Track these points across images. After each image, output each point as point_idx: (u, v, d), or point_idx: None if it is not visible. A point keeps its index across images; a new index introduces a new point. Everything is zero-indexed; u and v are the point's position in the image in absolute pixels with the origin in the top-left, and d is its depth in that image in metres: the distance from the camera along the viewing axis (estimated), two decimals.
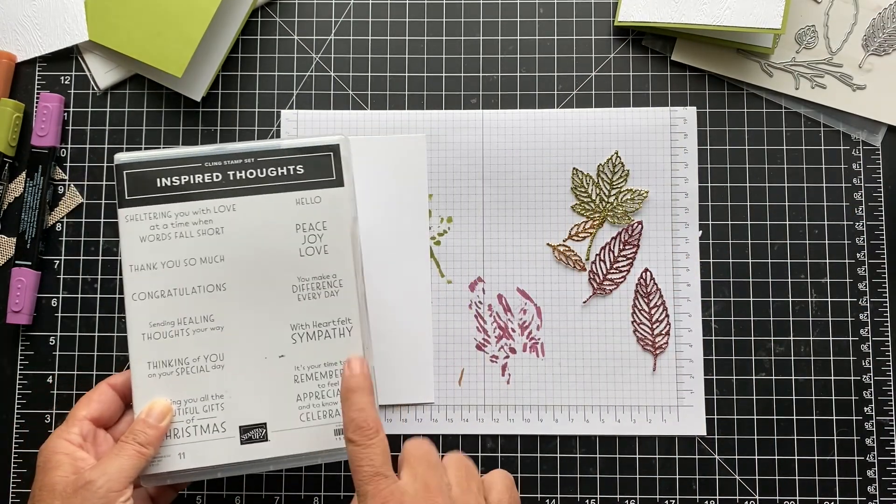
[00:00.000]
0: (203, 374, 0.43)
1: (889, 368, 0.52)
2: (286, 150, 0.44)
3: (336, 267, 0.44)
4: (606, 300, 0.53)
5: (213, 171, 0.43)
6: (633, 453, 0.52)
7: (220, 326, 0.43)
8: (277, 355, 0.43)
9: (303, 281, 0.43)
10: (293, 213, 0.44)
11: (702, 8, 0.52)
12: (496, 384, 0.52)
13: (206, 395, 0.43)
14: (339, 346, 0.43)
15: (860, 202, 0.54)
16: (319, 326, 0.43)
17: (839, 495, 0.51)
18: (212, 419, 0.42)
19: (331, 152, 0.44)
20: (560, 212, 0.54)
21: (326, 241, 0.44)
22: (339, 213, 0.44)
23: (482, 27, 0.55)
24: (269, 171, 0.44)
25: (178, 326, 0.43)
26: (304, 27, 0.55)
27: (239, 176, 0.43)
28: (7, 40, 0.55)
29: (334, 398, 0.43)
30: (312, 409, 0.43)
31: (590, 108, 0.54)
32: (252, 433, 0.42)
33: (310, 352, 0.43)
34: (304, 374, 0.43)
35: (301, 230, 0.43)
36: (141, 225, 0.43)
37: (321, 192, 0.44)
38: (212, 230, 0.43)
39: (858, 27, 0.55)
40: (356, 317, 0.44)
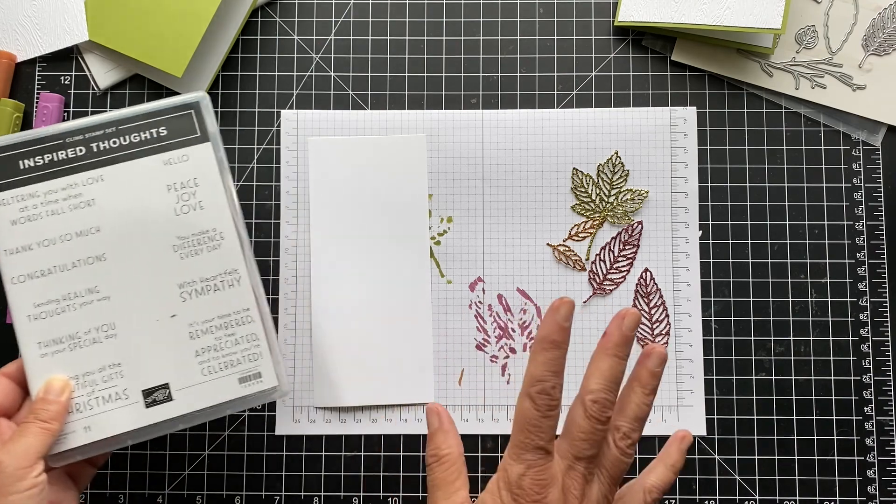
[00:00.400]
0: (97, 345, 0.42)
1: (889, 368, 0.52)
2: (146, 113, 0.44)
3: (214, 221, 0.44)
4: (606, 300, 0.53)
5: (76, 146, 0.43)
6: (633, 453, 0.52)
7: (107, 296, 0.43)
8: (169, 315, 0.43)
9: (182, 239, 0.43)
10: (162, 175, 0.44)
11: (702, 8, 0.52)
12: (496, 384, 0.52)
13: (104, 366, 0.42)
14: (230, 296, 0.43)
15: (860, 202, 0.54)
16: (207, 281, 0.43)
17: (839, 495, 0.51)
18: (112, 388, 0.42)
19: (191, 110, 0.44)
20: (560, 212, 0.54)
21: (200, 196, 0.44)
22: (208, 167, 0.44)
23: (482, 27, 0.55)
24: (133, 137, 0.44)
25: (63, 303, 0.42)
26: (304, 27, 0.55)
27: (103, 146, 0.43)
28: (7, 40, 0.55)
29: (233, 348, 0.43)
30: (213, 362, 0.43)
31: (590, 108, 0.54)
32: (155, 395, 0.42)
33: (202, 307, 0.43)
34: (199, 329, 0.43)
35: (173, 190, 0.44)
36: (10, 209, 0.43)
37: (187, 150, 0.44)
38: (83, 203, 0.43)
39: (858, 27, 0.55)
40: (243, 266, 0.44)
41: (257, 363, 0.44)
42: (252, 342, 0.44)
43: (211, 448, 0.52)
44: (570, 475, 0.39)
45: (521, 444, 0.39)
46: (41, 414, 0.40)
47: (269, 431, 0.52)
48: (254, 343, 0.44)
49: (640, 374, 0.41)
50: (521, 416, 0.39)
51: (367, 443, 0.52)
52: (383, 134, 0.54)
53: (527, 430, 0.39)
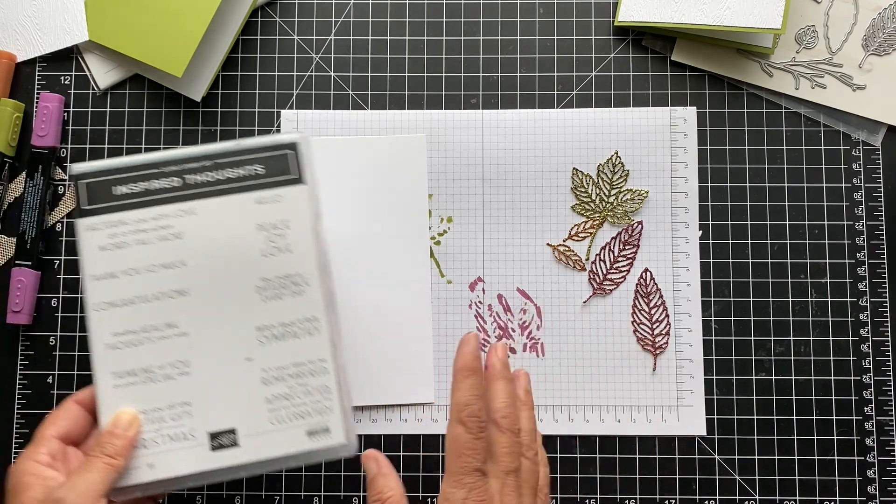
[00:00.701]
0: (169, 381, 0.42)
1: (889, 368, 0.52)
2: (244, 150, 0.43)
3: (300, 266, 0.43)
4: (606, 300, 0.53)
5: (171, 176, 0.43)
6: (633, 453, 0.52)
7: (185, 332, 0.42)
8: (244, 358, 0.42)
9: (266, 281, 0.42)
10: (254, 214, 0.43)
11: (702, 8, 0.52)
12: None
13: (174, 403, 0.42)
14: (308, 345, 0.42)
15: (860, 202, 0.54)
16: (286, 326, 0.42)
17: (839, 495, 0.51)
18: (180, 427, 0.41)
19: (289, 150, 0.43)
20: (560, 212, 0.54)
21: (290, 239, 0.43)
22: (301, 211, 0.43)
23: (482, 27, 0.55)
24: (228, 172, 0.43)
25: (141, 335, 0.42)
26: (304, 27, 0.55)
27: (197, 179, 0.43)
28: (7, 40, 0.55)
29: (304, 399, 0.42)
30: (283, 410, 0.42)
31: (590, 108, 0.54)
32: (222, 439, 0.41)
33: (277, 353, 0.42)
34: (272, 375, 0.42)
35: (263, 230, 0.43)
36: (100, 234, 0.42)
37: (282, 190, 0.43)
38: (171, 235, 0.42)
39: (858, 27, 0.55)
40: (323, 315, 0.43)
41: (327, 417, 0.42)
42: (324, 394, 0.42)
43: None
44: (505, 491, 0.40)
45: (459, 470, 0.39)
46: (107, 448, 0.40)
47: None
48: (326, 395, 0.42)
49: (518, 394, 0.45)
50: (455, 442, 0.40)
51: (367, 443, 0.52)
52: (383, 134, 0.54)
53: (464, 455, 0.40)
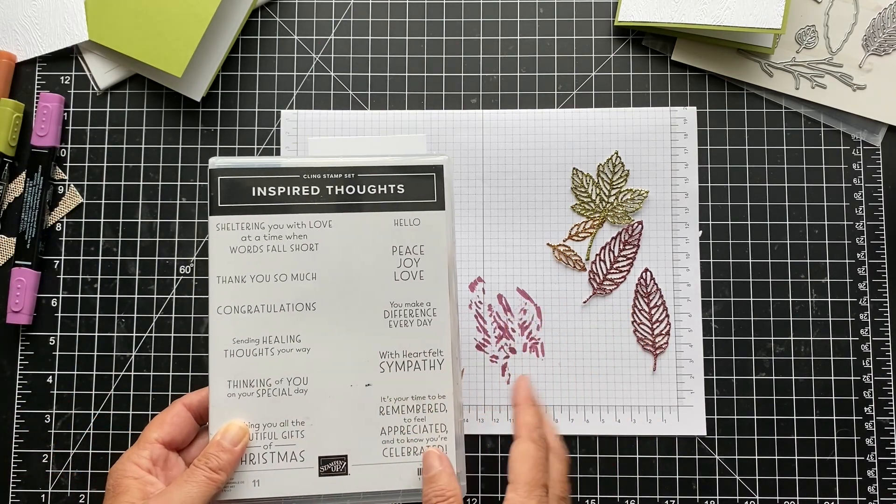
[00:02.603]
0: (285, 397, 0.40)
1: (889, 368, 0.52)
2: (389, 167, 0.42)
3: (431, 294, 0.41)
4: (606, 300, 0.53)
5: (312, 185, 0.41)
6: (633, 453, 0.52)
7: (307, 348, 0.41)
8: (364, 384, 0.41)
9: (395, 307, 0.41)
10: (390, 235, 0.41)
11: (702, 8, 0.52)
12: (496, 384, 0.52)
13: (287, 421, 0.40)
14: (429, 379, 0.41)
15: (860, 202, 0.54)
16: (410, 356, 0.41)
17: (839, 495, 0.51)
18: (291, 447, 0.40)
19: (433, 173, 0.42)
20: (560, 212, 0.54)
21: (423, 266, 0.41)
22: (438, 237, 0.42)
23: (482, 27, 0.55)
24: (370, 188, 0.42)
25: (262, 345, 0.40)
26: (304, 27, 0.55)
27: (338, 191, 0.41)
28: (7, 40, 0.55)
29: (420, 435, 0.41)
30: (396, 444, 0.41)
31: (590, 108, 0.54)
32: (332, 465, 0.40)
33: (398, 383, 0.41)
34: (390, 406, 0.41)
35: (397, 253, 0.41)
36: (232, 235, 0.41)
37: (421, 214, 0.42)
38: (306, 246, 0.41)
39: (858, 27, 0.55)
40: (448, 350, 0.41)
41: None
42: (440, 433, 0.41)
43: None
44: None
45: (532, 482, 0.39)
46: (212, 461, 0.38)
47: None
48: (441, 434, 0.41)
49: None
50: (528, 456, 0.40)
51: None
52: (383, 134, 0.54)
53: (538, 469, 0.39)
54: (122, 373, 0.53)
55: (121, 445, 0.52)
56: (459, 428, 0.41)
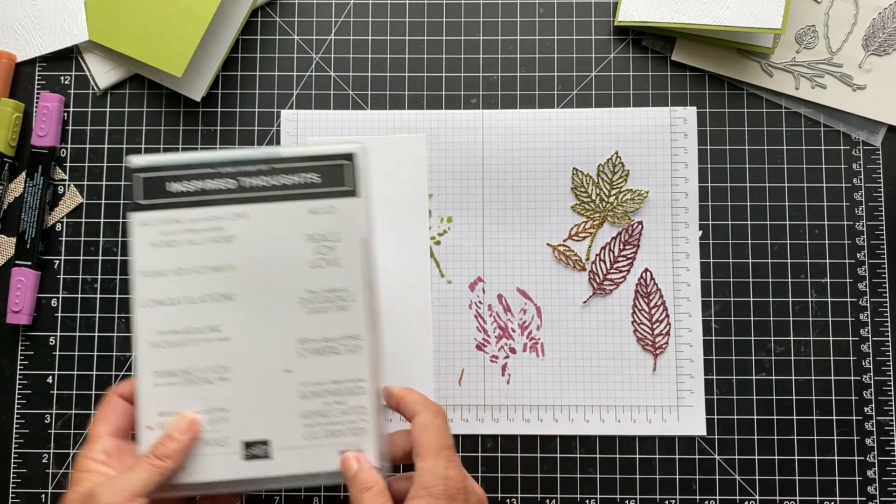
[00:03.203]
0: (208, 385, 0.41)
1: (889, 368, 0.52)
2: (301, 157, 0.43)
3: (347, 281, 0.42)
4: (606, 300, 0.53)
5: (227, 178, 0.42)
6: (633, 453, 0.52)
7: (227, 338, 0.42)
8: (284, 370, 0.42)
9: (313, 294, 0.42)
10: (306, 223, 0.42)
11: (702, 8, 0.52)
12: (496, 384, 0.52)
13: (211, 408, 0.41)
14: (348, 363, 0.42)
15: (860, 202, 0.54)
16: (328, 342, 0.42)
17: (839, 495, 0.51)
18: (215, 433, 0.41)
19: (346, 161, 0.43)
20: (560, 212, 0.54)
21: (339, 253, 0.42)
22: (353, 224, 0.42)
23: (482, 27, 0.55)
24: (284, 179, 0.42)
25: (184, 336, 0.42)
26: (304, 27, 0.55)
27: (252, 183, 0.42)
28: (7, 40, 0.55)
29: (340, 418, 0.42)
30: (318, 427, 0.41)
31: (590, 108, 0.54)
32: (255, 450, 0.41)
33: (317, 368, 0.42)
34: (310, 390, 0.42)
35: (313, 241, 0.42)
36: (152, 230, 0.42)
37: (335, 202, 0.42)
38: (222, 238, 0.42)
39: (858, 27, 0.55)
40: (366, 334, 0.42)
41: (361, 438, 0.42)
42: (360, 415, 0.42)
43: None
44: None
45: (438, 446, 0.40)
46: (158, 450, 0.40)
47: None
48: (361, 416, 0.42)
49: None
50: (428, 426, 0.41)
51: None
52: (383, 134, 0.54)
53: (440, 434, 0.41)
54: (122, 373, 0.53)
55: None
56: (380, 410, 0.42)
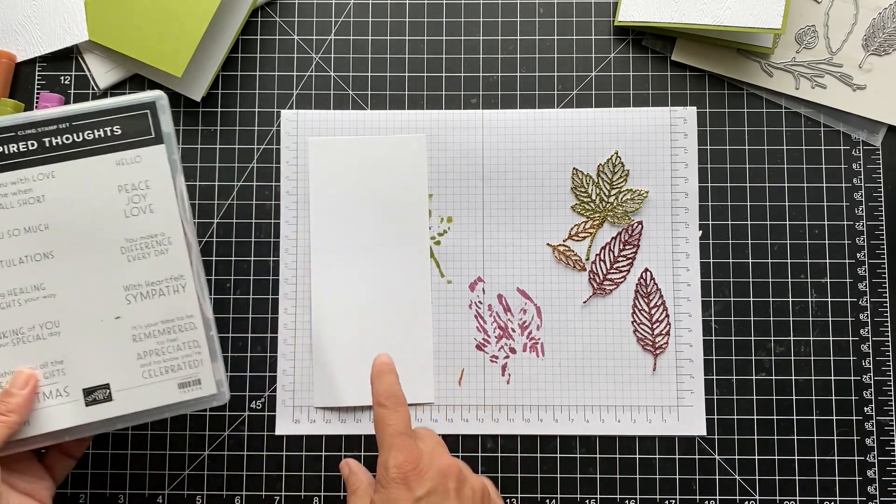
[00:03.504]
0: (40, 341, 0.43)
1: (889, 368, 0.52)
2: (101, 111, 0.43)
3: (163, 225, 0.44)
4: (606, 300, 0.53)
5: (28, 140, 0.43)
6: (633, 453, 0.52)
7: (53, 294, 0.43)
8: (113, 317, 0.43)
9: (131, 242, 0.43)
10: (114, 175, 0.43)
11: (702, 8, 0.52)
12: (496, 384, 0.52)
13: (46, 362, 0.43)
14: (175, 302, 0.44)
15: (860, 202, 0.54)
16: (153, 285, 0.44)
17: (839, 495, 0.51)
18: (54, 385, 0.43)
19: (147, 110, 0.44)
20: (560, 212, 0.54)
21: (151, 200, 0.44)
22: (161, 170, 0.44)
23: (482, 27, 0.55)
24: (86, 134, 0.43)
25: (8, 298, 0.43)
26: (304, 27, 0.55)
27: (55, 142, 0.43)
28: (7, 40, 0.55)
29: (175, 353, 0.44)
30: (154, 365, 0.44)
31: (590, 108, 0.54)
32: (96, 394, 0.43)
33: (146, 311, 0.44)
34: (142, 332, 0.43)
35: (124, 191, 0.43)
36: None
37: (141, 150, 0.44)
38: (32, 199, 0.43)
39: (858, 27, 0.54)
40: (189, 273, 0.44)
41: (197, 370, 0.44)
42: (193, 349, 0.44)
43: (211, 448, 0.52)
44: None
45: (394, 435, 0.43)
46: (0, 406, 0.41)
47: (269, 431, 0.52)
48: (195, 350, 0.44)
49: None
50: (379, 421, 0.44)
51: (366, 443, 0.52)
52: (383, 134, 0.54)
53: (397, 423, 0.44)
54: None
55: (121, 445, 0.52)
56: (212, 342, 0.44)
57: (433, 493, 0.40)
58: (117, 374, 0.43)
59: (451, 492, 0.41)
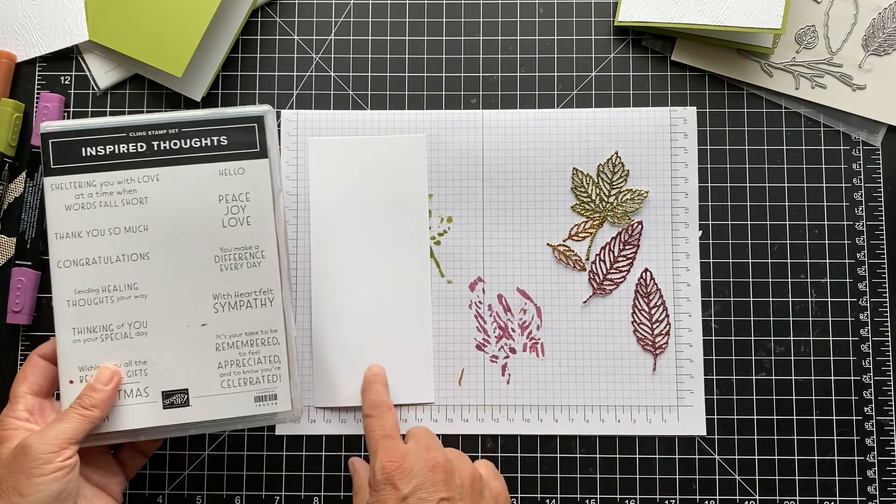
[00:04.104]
0: (127, 340, 0.43)
1: (889, 368, 0.52)
2: (211, 120, 0.44)
3: (258, 238, 0.44)
4: (606, 300, 0.53)
5: (138, 142, 0.44)
6: (633, 453, 0.52)
7: (144, 294, 0.44)
8: (200, 324, 0.44)
9: (225, 252, 0.44)
10: (216, 184, 0.44)
11: (702, 8, 0.52)
12: (496, 384, 0.52)
13: (130, 361, 0.44)
14: (261, 316, 0.44)
15: (860, 202, 0.54)
16: (241, 297, 0.44)
17: (839, 495, 0.51)
18: (135, 384, 0.43)
19: (255, 123, 0.45)
20: (560, 212, 0.54)
21: (249, 212, 0.44)
22: (262, 184, 0.45)
23: (482, 27, 0.55)
24: (193, 141, 0.44)
25: (102, 294, 0.43)
26: (304, 27, 0.55)
27: (163, 146, 0.44)
28: (7, 40, 0.55)
29: (255, 366, 0.44)
30: (233, 376, 0.44)
31: (590, 108, 0.54)
32: (174, 398, 0.44)
33: (232, 321, 0.44)
34: (225, 342, 0.44)
35: (224, 201, 0.44)
36: (66, 194, 0.44)
37: (244, 163, 0.45)
38: (136, 200, 0.44)
39: (858, 27, 0.54)
40: (278, 288, 0.44)
41: (275, 385, 0.44)
42: (274, 363, 0.44)
43: (211, 448, 0.52)
44: None
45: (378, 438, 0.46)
46: (84, 400, 0.42)
47: (269, 431, 0.52)
48: (275, 365, 0.44)
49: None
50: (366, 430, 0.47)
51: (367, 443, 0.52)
52: (383, 134, 0.54)
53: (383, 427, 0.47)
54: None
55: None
56: (292, 358, 0.45)
57: (420, 488, 0.41)
58: (197, 380, 0.44)
59: (440, 483, 0.41)
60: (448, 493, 0.41)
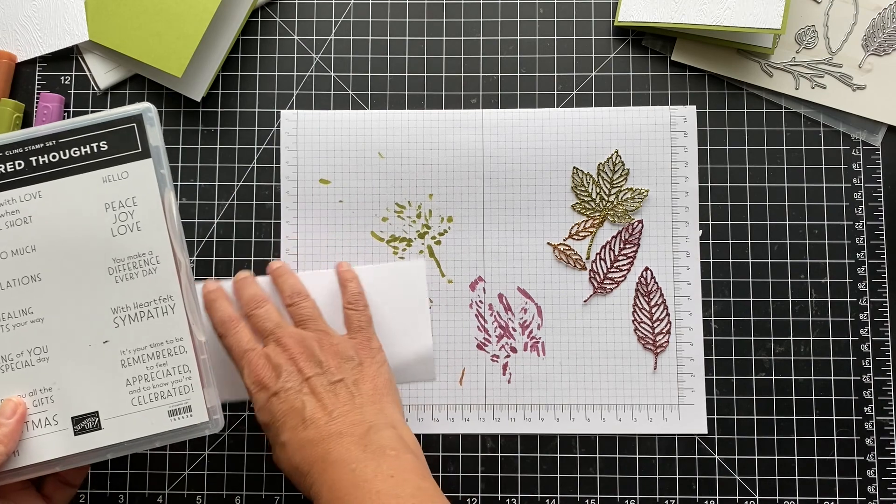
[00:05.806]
0: (29, 368, 0.41)
1: (889, 368, 0.52)
2: (87, 126, 0.42)
3: (151, 243, 0.42)
4: (607, 299, 0.53)
5: (15, 160, 0.42)
6: (633, 453, 0.52)
7: (41, 318, 0.41)
8: (101, 341, 0.42)
9: (118, 262, 0.42)
10: (101, 193, 0.42)
11: (702, 8, 0.52)
12: (497, 383, 0.52)
13: (35, 390, 0.41)
14: (163, 325, 0.42)
15: (860, 202, 0.54)
16: (141, 307, 0.42)
17: (839, 495, 0.51)
18: (43, 413, 0.41)
19: (133, 123, 0.42)
20: (560, 211, 0.54)
21: (138, 217, 0.42)
22: (148, 186, 0.42)
23: (482, 27, 0.55)
24: (73, 151, 0.42)
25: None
26: (304, 27, 0.55)
27: (42, 160, 0.42)
28: (7, 40, 0.55)
29: (164, 379, 0.42)
30: (143, 392, 0.42)
31: (590, 107, 0.54)
32: (85, 423, 0.42)
33: (134, 334, 0.42)
34: (130, 357, 0.42)
35: (111, 209, 0.42)
36: None
37: (128, 166, 0.42)
38: (20, 220, 0.42)
39: (858, 27, 0.55)
40: (178, 292, 0.42)
41: (188, 396, 0.42)
42: (184, 374, 0.42)
43: (211, 448, 0.52)
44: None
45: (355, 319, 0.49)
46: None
47: None
48: (185, 375, 0.42)
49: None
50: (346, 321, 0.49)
51: None
52: (383, 134, 0.54)
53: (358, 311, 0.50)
54: None
55: None
56: (204, 366, 0.43)
57: (287, 381, 0.43)
58: (106, 401, 0.42)
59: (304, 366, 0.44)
60: (312, 371, 0.44)
